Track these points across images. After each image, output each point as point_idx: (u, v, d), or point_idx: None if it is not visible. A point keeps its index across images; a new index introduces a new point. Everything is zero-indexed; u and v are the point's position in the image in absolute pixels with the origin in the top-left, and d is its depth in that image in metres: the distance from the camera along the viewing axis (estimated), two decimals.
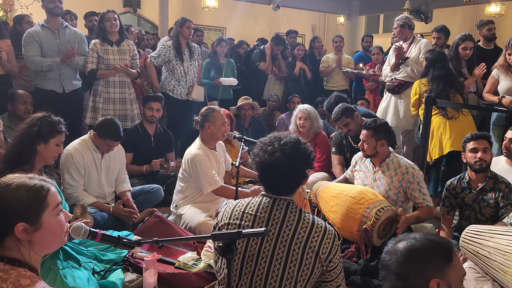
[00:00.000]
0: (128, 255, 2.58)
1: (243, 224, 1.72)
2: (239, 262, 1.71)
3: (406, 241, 1.34)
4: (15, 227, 1.22)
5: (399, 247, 1.33)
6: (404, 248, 1.32)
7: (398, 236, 1.41)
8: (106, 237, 1.58)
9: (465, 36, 4.23)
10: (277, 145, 1.72)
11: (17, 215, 1.22)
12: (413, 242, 1.33)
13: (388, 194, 2.96)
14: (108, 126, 3.17)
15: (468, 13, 9.26)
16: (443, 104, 3.76)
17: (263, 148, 1.76)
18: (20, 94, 3.77)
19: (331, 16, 11.05)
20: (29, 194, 1.25)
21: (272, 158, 1.70)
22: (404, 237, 1.37)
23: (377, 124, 3.00)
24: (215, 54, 5.42)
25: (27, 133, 2.35)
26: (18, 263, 1.22)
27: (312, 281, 1.68)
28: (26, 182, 1.27)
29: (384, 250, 1.39)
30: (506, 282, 1.89)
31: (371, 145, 2.97)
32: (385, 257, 1.35)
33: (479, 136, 2.88)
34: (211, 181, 3.11)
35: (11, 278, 1.17)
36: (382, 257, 1.37)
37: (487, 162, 2.81)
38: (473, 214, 2.88)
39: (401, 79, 4.48)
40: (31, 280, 1.19)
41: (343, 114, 3.72)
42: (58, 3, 3.99)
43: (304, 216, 1.72)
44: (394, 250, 1.33)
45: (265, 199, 1.76)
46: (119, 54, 4.23)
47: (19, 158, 2.28)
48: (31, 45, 3.95)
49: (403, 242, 1.34)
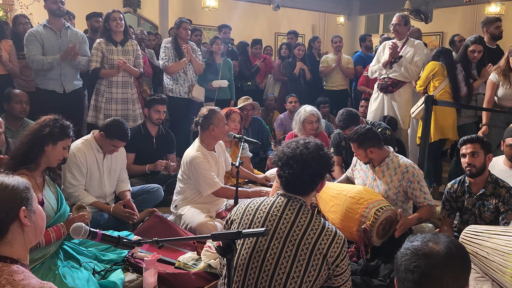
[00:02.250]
0: (128, 255, 2.59)
1: (255, 220, 1.78)
2: (247, 257, 1.74)
3: (442, 244, 1.16)
4: (20, 211, 1.26)
5: (438, 250, 1.15)
6: (445, 253, 1.14)
7: (421, 236, 1.21)
8: (106, 237, 1.59)
9: (475, 39, 4.20)
10: (301, 142, 1.84)
11: (19, 199, 1.27)
12: (452, 246, 1.17)
13: (388, 194, 2.96)
14: (116, 127, 3.18)
15: (468, 13, 9.25)
16: (443, 104, 3.77)
17: (287, 144, 1.86)
18: (16, 93, 3.74)
19: (331, 16, 11.04)
20: (21, 179, 1.32)
21: (295, 151, 1.79)
22: (433, 239, 1.18)
23: (359, 135, 2.98)
24: (211, 54, 5.39)
25: (39, 132, 2.38)
26: (10, 260, 1.24)
27: (318, 283, 1.70)
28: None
29: (408, 250, 1.18)
30: (505, 282, 1.89)
31: (362, 155, 3.01)
32: (416, 259, 1.15)
33: (466, 140, 2.81)
34: (210, 183, 3.11)
35: (4, 274, 1.18)
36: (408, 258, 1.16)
37: (476, 167, 2.75)
38: (472, 218, 2.86)
39: (394, 78, 4.48)
40: (25, 275, 1.20)
41: (352, 122, 3.67)
42: (60, 4, 4.01)
43: (316, 219, 1.76)
44: (431, 253, 1.14)
45: (280, 198, 1.81)
46: (123, 54, 4.25)
47: (26, 156, 2.31)
48: (33, 45, 3.96)
49: (440, 245, 1.16)
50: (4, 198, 1.25)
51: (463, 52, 4.27)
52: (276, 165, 1.86)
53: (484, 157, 2.77)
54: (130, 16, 8.77)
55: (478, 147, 2.75)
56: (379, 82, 4.62)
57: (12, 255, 1.25)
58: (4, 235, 1.25)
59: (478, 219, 2.83)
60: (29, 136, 2.37)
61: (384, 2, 8.62)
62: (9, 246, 1.25)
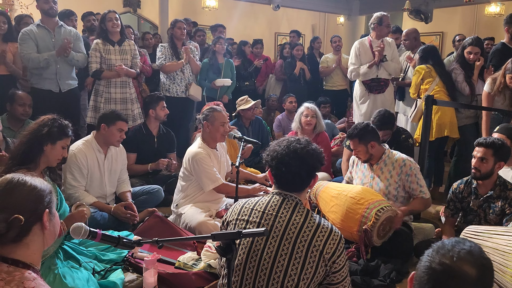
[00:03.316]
0: (128, 255, 2.59)
1: (251, 220, 1.77)
2: (244, 257, 1.74)
3: (476, 268, 0.99)
4: (44, 213, 1.27)
5: (470, 273, 0.98)
6: (476, 278, 0.98)
7: (452, 251, 1.01)
8: (106, 237, 1.59)
9: (472, 40, 4.16)
10: (292, 139, 1.85)
11: (44, 202, 1.28)
12: (486, 272, 1.01)
13: (389, 190, 2.97)
14: (110, 112, 3.37)
15: (468, 13, 9.25)
16: (443, 104, 3.76)
17: (278, 143, 1.86)
18: (20, 95, 3.75)
19: (331, 16, 11.04)
20: (45, 182, 1.33)
21: (288, 149, 1.79)
22: (466, 257, 1.00)
23: (359, 130, 2.99)
24: (213, 53, 5.40)
25: (37, 132, 2.38)
26: (22, 265, 1.22)
27: (316, 280, 1.70)
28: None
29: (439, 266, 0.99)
30: (505, 282, 1.89)
31: (362, 151, 3.00)
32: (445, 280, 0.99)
33: (480, 143, 2.73)
34: (212, 178, 3.13)
35: (15, 280, 1.17)
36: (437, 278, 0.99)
37: (481, 172, 2.70)
38: (476, 220, 2.82)
39: (384, 78, 4.52)
40: (36, 283, 1.19)
41: (388, 127, 3.64)
42: (53, 4, 3.99)
43: (311, 216, 1.76)
44: (464, 276, 0.98)
45: (275, 197, 1.81)
46: (120, 54, 4.25)
47: (26, 156, 2.31)
48: (27, 43, 3.94)
49: (473, 269, 0.99)
50: (31, 199, 1.26)
51: (460, 52, 4.25)
52: (269, 164, 1.84)
53: (494, 164, 2.69)
54: (130, 16, 8.76)
55: (489, 153, 2.67)
56: (370, 83, 4.55)
57: (25, 259, 1.24)
58: (25, 236, 1.24)
59: (483, 221, 2.79)
60: (28, 136, 2.37)
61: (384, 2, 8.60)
62: (25, 248, 1.24)
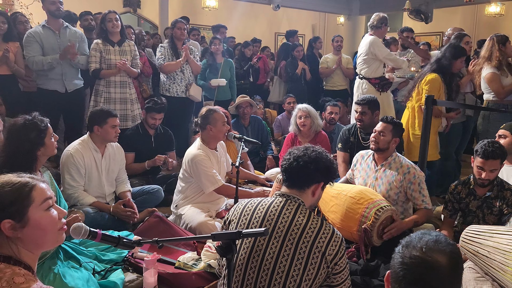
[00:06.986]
0: (128, 255, 2.58)
1: (253, 220, 1.78)
2: (245, 257, 1.74)
3: (447, 255, 1.04)
4: (1, 224, 1.23)
5: (442, 261, 1.03)
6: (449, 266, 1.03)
7: (421, 241, 1.07)
8: (106, 237, 1.58)
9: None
10: (308, 145, 1.93)
11: (2, 212, 1.24)
12: (456, 257, 1.06)
13: (389, 194, 2.96)
14: (98, 110, 3.32)
15: (468, 13, 9.26)
16: (442, 104, 3.75)
17: (296, 148, 1.93)
18: None
19: (331, 16, 11.05)
20: (13, 190, 1.26)
21: (306, 151, 1.87)
22: (435, 246, 1.05)
23: (397, 122, 3.06)
24: (211, 54, 5.43)
25: (23, 143, 2.38)
26: (13, 261, 1.22)
27: (317, 281, 1.71)
28: (11, 179, 1.29)
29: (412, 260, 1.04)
30: (506, 281, 1.89)
31: (387, 139, 2.96)
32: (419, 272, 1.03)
33: (489, 155, 2.62)
34: (212, 180, 3.12)
35: (5, 276, 1.17)
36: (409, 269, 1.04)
37: (490, 180, 2.71)
38: (475, 221, 2.83)
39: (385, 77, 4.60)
40: (26, 278, 1.19)
41: (368, 104, 3.66)
42: (59, 5, 4.02)
43: (313, 218, 1.77)
44: (437, 264, 1.02)
45: (278, 198, 1.83)
46: (120, 55, 4.25)
47: (22, 166, 2.27)
48: (32, 46, 3.98)
49: (444, 257, 1.03)
50: None
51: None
52: (283, 163, 1.89)
53: (500, 169, 2.73)
54: (130, 16, 8.77)
55: (498, 164, 2.66)
56: (380, 82, 4.54)
57: (14, 256, 1.23)
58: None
59: (482, 222, 2.80)
60: (16, 147, 2.35)
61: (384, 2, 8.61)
62: (7, 247, 1.24)
